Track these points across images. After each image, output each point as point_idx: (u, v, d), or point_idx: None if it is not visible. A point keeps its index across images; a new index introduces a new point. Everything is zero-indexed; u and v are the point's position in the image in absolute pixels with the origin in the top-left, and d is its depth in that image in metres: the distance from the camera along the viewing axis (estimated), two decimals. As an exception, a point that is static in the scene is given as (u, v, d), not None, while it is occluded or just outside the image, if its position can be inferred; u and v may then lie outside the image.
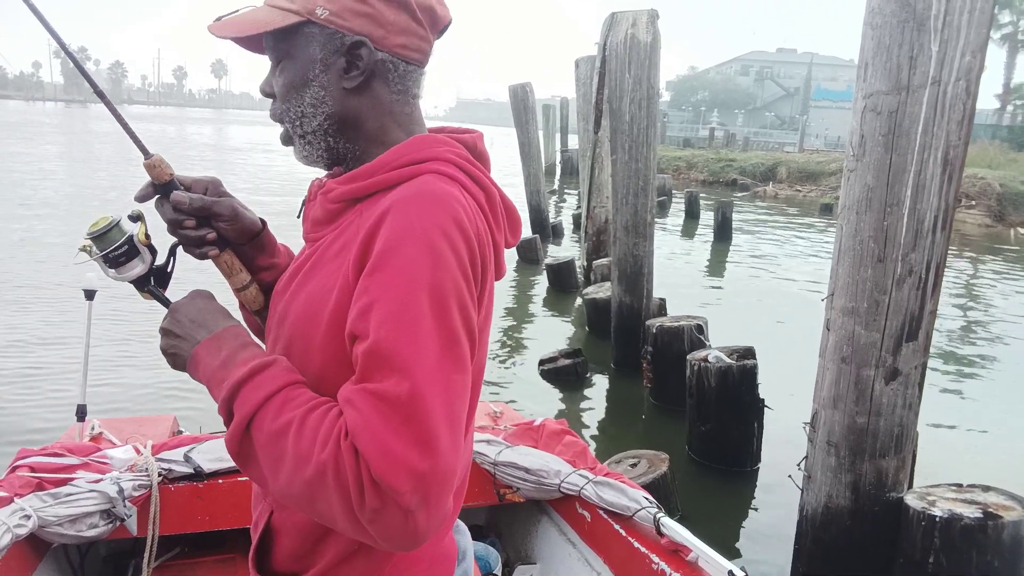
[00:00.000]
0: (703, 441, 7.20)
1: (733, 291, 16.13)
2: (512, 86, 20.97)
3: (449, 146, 1.48)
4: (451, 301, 1.29)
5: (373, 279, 1.29)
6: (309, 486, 1.26)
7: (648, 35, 9.33)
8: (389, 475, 1.19)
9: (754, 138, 71.75)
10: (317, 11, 1.44)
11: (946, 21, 3.89)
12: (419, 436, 1.21)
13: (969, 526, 4.14)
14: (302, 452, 1.26)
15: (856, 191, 4.29)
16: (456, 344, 1.29)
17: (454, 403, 1.28)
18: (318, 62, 1.48)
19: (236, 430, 1.35)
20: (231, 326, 1.52)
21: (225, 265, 1.72)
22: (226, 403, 1.38)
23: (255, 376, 1.38)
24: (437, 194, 1.35)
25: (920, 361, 4.42)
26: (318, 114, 1.51)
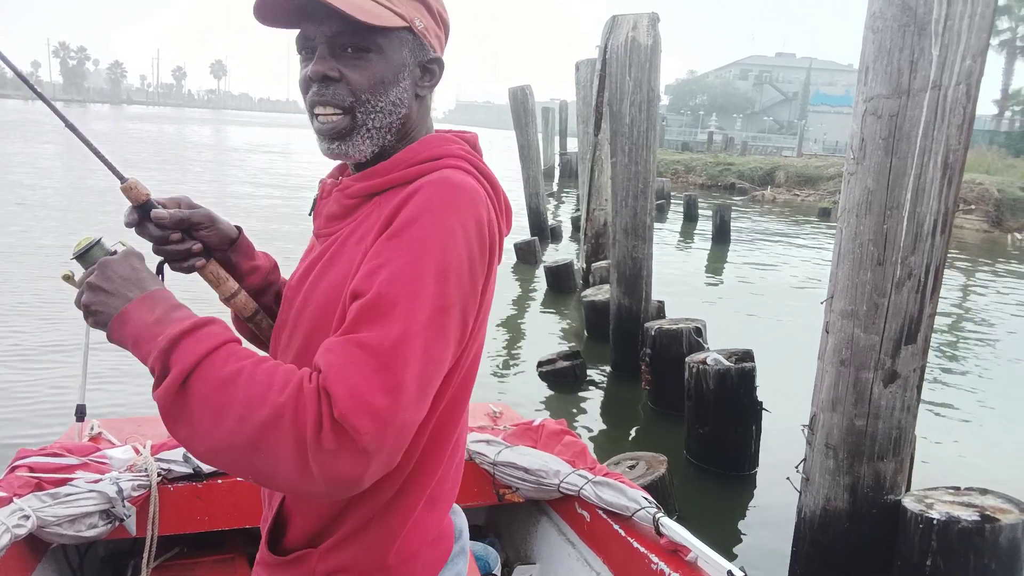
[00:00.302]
0: (701, 443, 7.20)
1: (731, 294, 16.13)
2: (512, 89, 20.98)
3: (458, 144, 1.62)
4: (452, 275, 1.39)
5: (387, 244, 1.41)
6: (259, 429, 1.28)
7: (649, 38, 9.35)
8: (353, 414, 1.26)
9: (752, 142, 71.79)
10: (416, 22, 1.57)
11: (947, 25, 3.90)
12: (390, 384, 1.30)
13: (966, 529, 4.14)
14: (255, 396, 1.30)
15: (856, 194, 4.30)
16: (446, 313, 1.39)
17: (430, 365, 1.38)
18: (407, 67, 1.59)
19: (172, 383, 1.34)
20: (163, 289, 1.53)
21: (212, 276, 1.76)
22: (162, 355, 1.36)
23: (197, 331, 1.39)
24: (459, 183, 1.47)
25: (919, 364, 4.43)
26: (395, 112, 1.60)
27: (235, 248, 1.82)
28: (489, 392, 8.94)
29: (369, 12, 1.48)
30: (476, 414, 4.72)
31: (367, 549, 1.58)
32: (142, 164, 33.88)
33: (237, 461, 1.34)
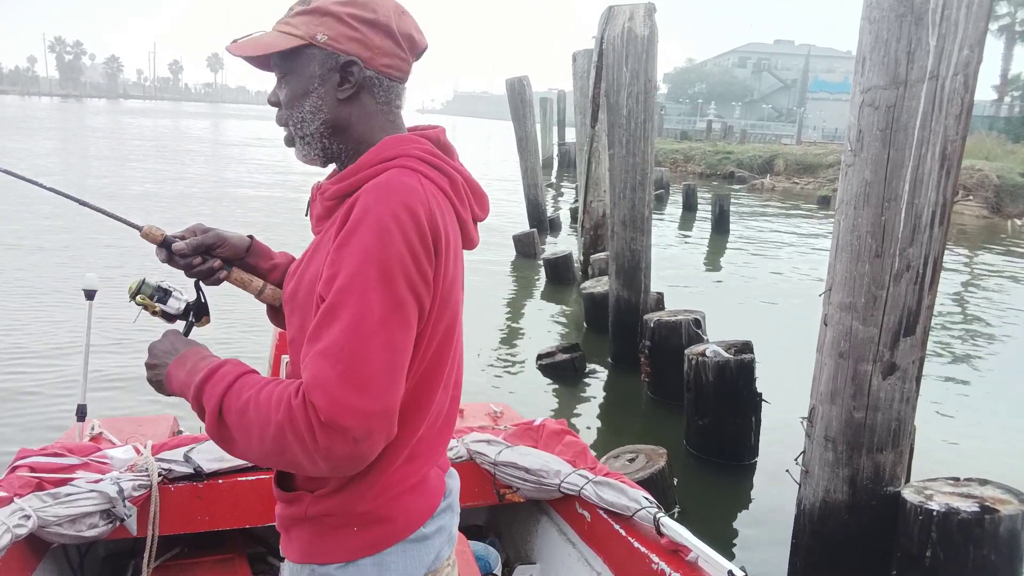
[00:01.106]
0: (701, 435, 7.21)
1: (731, 285, 16.14)
2: (509, 79, 20.93)
3: (415, 143, 1.79)
4: (396, 272, 1.59)
5: (339, 253, 1.61)
6: (275, 442, 1.58)
7: (645, 28, 9.33)
8: (337, 416, 1.52)
9: (751, 130, 71.69)
10: (318, 36, 1.76)
11: (944, 15, 3.89)
12: (358, 382, 1.54)
13: (966, 520, 4.15)
14: (262, 419, 1.59)
15: (854, 186, 4.29)
16: (400, 308, 1.60)
17: (394, 354, 1.60)
18: (317, 77, 1.80)
19: (211, 419, 1.67)
20: (194, 347, 1.88)
21: (238, 281, 2.11)
22: (196, 400, 1.70)
23: (213, 375, 1.71)
24: (393, 184, 1.65)
25: (918, 356, 4.43)
26: (316, 119, 1.82)
27: (251, 254, 2.16)
28: (488, 385, 8.98)
29: (266, 44, 1.79)
30: (476, 414, 4.72)
31: (349, 497, 1.80)
32: (142, 161, 33.88)
33: (278, 463, 1.68)
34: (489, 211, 1.98)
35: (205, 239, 2.06)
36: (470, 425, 4.38)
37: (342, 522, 1.83)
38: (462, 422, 4.57)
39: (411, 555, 1.89)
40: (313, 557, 1.86)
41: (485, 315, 12.20)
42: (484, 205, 1.95)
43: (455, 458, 3.90)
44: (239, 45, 1.81)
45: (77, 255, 14.11)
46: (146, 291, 2.06)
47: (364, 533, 1.83)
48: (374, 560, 1.84)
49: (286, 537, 1.94)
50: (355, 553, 1.84)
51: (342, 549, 1.84)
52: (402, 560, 1.87)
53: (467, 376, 6.41)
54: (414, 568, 1.90)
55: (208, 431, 1.69)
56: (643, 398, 8.86)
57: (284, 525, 1.94)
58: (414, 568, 1.90)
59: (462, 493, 3.96)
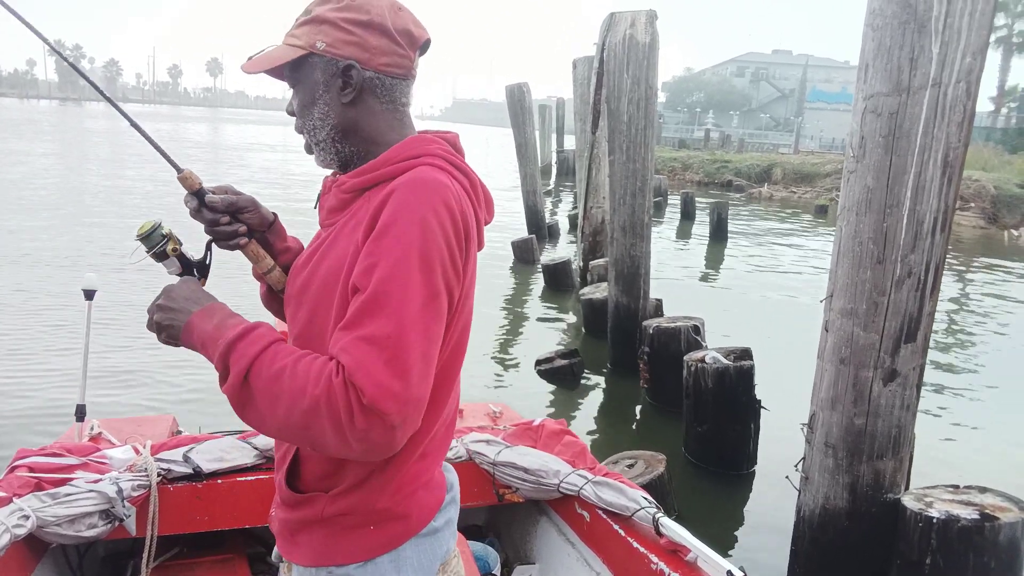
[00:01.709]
0: (700, 442, 7.20)
1: (729, 292, 16.14)
2: (509, 86, 20.95)
3: (438, 144, 1.84)
4: (436, 264, 1.63)
5: (376, 244, 1.63)
6: (305, 416, 1.58)
7: (646, 36, 9.34)
8: (380, 401, 1.54)
9: (749, 139, 71.68)
10: (317, 44, 1.81)
11: (947, 23, 3.90)
12: (401, 370, 1.57)
13: (966, 527, 4.14)
14: (297, 389, 1.59)
15: (856, 192, 4.29)
16: (437, 298, 1.65)
17: (430, 344, 1.64)
18: (321, 84, 1.85)
19: (236, 379, 1.65)
20: (218, 302, 1.85)
21: (252, 253, 2.07)
22: (223, 358, 1.68)
23: (248, 335, 1.69)
24: (430, 181, 1.69)
25: (918, 363, 4.43)
26: (325, 125, 1.87)
27: (272, 231, 2.13)
28: (487, 390, 8.97)
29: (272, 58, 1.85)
30: (476, 414, 4.72)
31: (368, 495, 1.82)
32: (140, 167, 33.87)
33: (296, 437, 1.68)
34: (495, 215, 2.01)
35: (240, 200, 2.03)
36: (469, 425, 4.38)
37: (359, 521, 1.84)
38: (461, 422, 4.57)
39: (425, 549, 1.92)
40: (329, 559, 1.86)
41: (484, 320, 12.16)
42: (491, 209, 1.98)
43: (455, 458, 3.91)
44: (252, 62, 1.88)
45: (77, 255, 14.09)
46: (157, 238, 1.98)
47: (380, 531, 1.86)
48: (391, 557, 1.87)
49: (291, 541, 1.94)
50: (372, 551, 1.85)
51: (359, 548, 1.85)
52: (417, 555, 1.91)
53: (465, 381, 6.42)
54: (429, 562, 1.94)
55: (227, 389, 1.67)
56: (642, 404, 8.85)
57: (291, 529, 1.93)
58: (429, 562, 1.94)
59: (461, 493, 3.97)
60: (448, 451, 3.86)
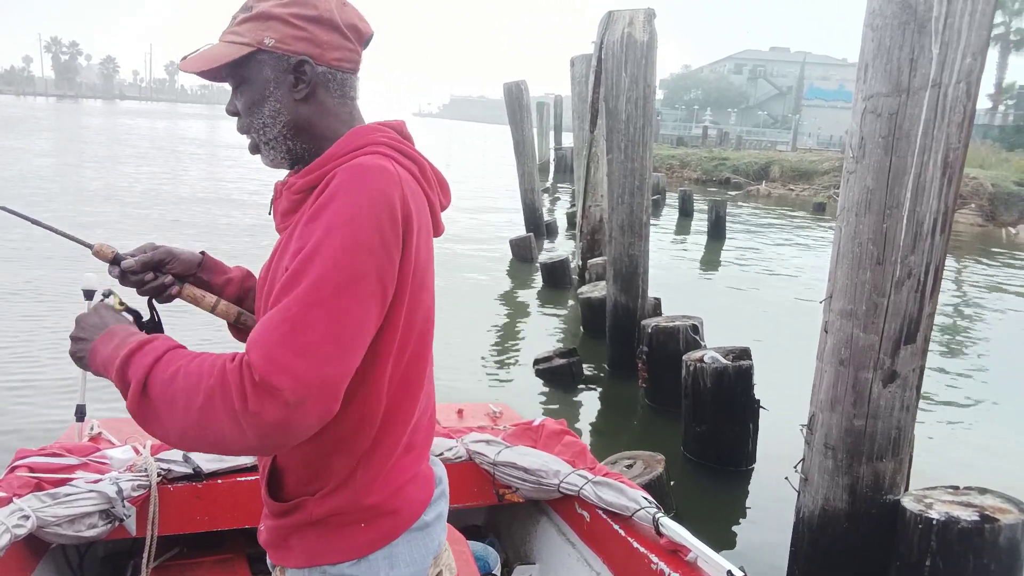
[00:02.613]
0: (698, 441, 7.20)
1: (727, 291, 16.14)
2: (507, 84, 20.94)
3: (381, 132, 1.83)
4: (361, 248, 1.59)
5: (306, 227, 1.63)
6: (200, 412, 1.53)
7: (645, 34, 9.33)
8: (271, 375, 1.48)
9: (747, 137, 71.55)
10: (265, 41, 1.78)
11: (947, 23, 3.89)
12: (301, 346, 1.51)
13: (966, 529, 4.14)
14: (191, 385, 1.55)
15: (855, 193, 4.29)
16: (360, 281, 1.59)
17: (344, 327, 1.57)
18: (271, 81, 1.82)
19: (135, 392, 1.60)
20: (124, 324, 1.85)
21: (190, 297, 2.09)
22: (120, 372, 1.64)
23: (143, 347, 1.66)
24: (366, 165, 1.67)
25: (918, 364, 4.43)
26: (277, 123, 1.85)
27: (204, 269, 2.15)
28: (485, 389, 8.96)
29: (215, 56, 1.81)
30: (476, 414, 4.72)
31: (355, 493, 1.81)
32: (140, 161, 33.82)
33: (197, 440, 1.59)
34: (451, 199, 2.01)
35: (155, 255, 2.05)
36: (469, 425, 4.38)
37: (349, 520, 1.83)
38: (461, 422, 4.58)
39: (417, 544, 1.92)
40: (322, 558, 1.85)
41: (482, 319, 12.19)
42: (447, 192, 1.98)
43: (455, 458, 3.91)
44: (189, 61, 1.84)
45: (76, 255, 13.98)
46: None
47: (371, 527, 1.85)
48: (384, 553, 1.86)
49: (283, 546, 1.92)
50: (365, 548, 1.85)
51: (351, 546, 1.84)
52: (409, 550, 1.90)
53: (463, 380, 6.43)
54: (421, 556, 1.93)
55: (129, 406, 1.63)
56: (640, 404, 8.85)
57: (281, 535, 1.92)
58: (421, 556, 1.93)
59: (461, 493, 3.97)
60: (448, 451, 3.89)
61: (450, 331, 10.54)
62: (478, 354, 10.35)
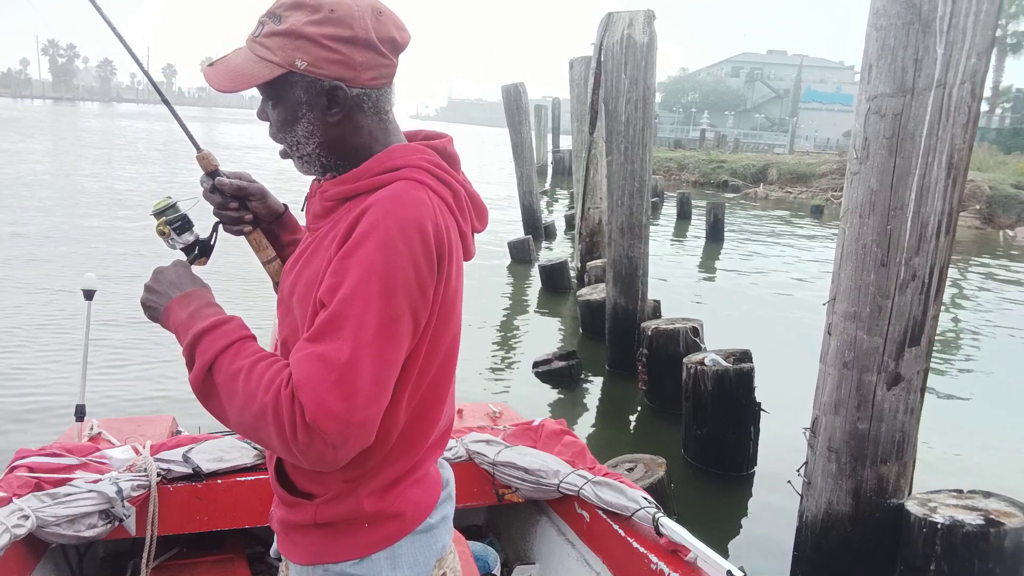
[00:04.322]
0: (699, 445, 7.19)
1: (726, 293, 16.12)
2: (505, 86, 20.96)
3: (422, 153, 1.79)
4: (399, 287, 1.60)
5: (343, 262, 1.62)
6: (254, 419, 1.61)
7: (644, 36, 9.31)
8: (320, 421, 1.53)
9: (744, 139, 71.68)
10: (297, 63, 1.71)
11: (952, 23, 3.87)
12: (348, 392, 1.55)
13: (971, 533, 4.12)
14: (249, 393, 1.61)
15: (859, 194, 4.27)
16: (396, 322, 1.62)
17: (383, 367, 1.61)
18: (304, 104, 1.77)
19: (200, 371, 1.69)
20: (200, 289, 1.90)
21: (255, 241, 2.14)
22: (190, 348, 1.72)
23: (216, 329, 1.73)
24: (404, 199, 1.66)
25: (922, 366, 4.41)
26: (310, 143, 1.81)
27: (280, 222, 2.21)
28: (484, 391, 8.96)
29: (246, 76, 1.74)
30: (476, 414, 4.72)
31: (357, 500, 1.83)
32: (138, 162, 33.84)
33: (249, 435, 1.70)
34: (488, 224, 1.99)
35: (249, 187, 2.11)
36: (469, 425, 4.38)
37: (352, 521, 1.85)
38: (461, 422, 4.58)
39: (421, 546, 1.94)
40: (325, 557, 1.87)
41: (481, 321, 12.18)
42: (484, 218, 1.96)
43: (454, 458, 3.92)
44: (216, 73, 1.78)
45: (75, 255, 14.05)
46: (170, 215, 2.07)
47: (375, 529, 1.86)
48: (387, 554, 1.88)
49: (288, 540, 1.95)
50: (368, 549, 1.86)
51: (354, 546, 1.86)
52: (412, 552, 1.92)
53: (462, 383, 6.41)
54: (425, 558, 1.95)
55: (192, 380, 1.70)
56: (640, 406, 8.83)
57: (287, 529, 1.94)
58: (425, 558, 1.95)
59: (461, 493, 3.97)
60: (448, 451, 3.88)
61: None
62: (477, 357, 10.33)
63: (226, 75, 1.76)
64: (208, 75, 1.79)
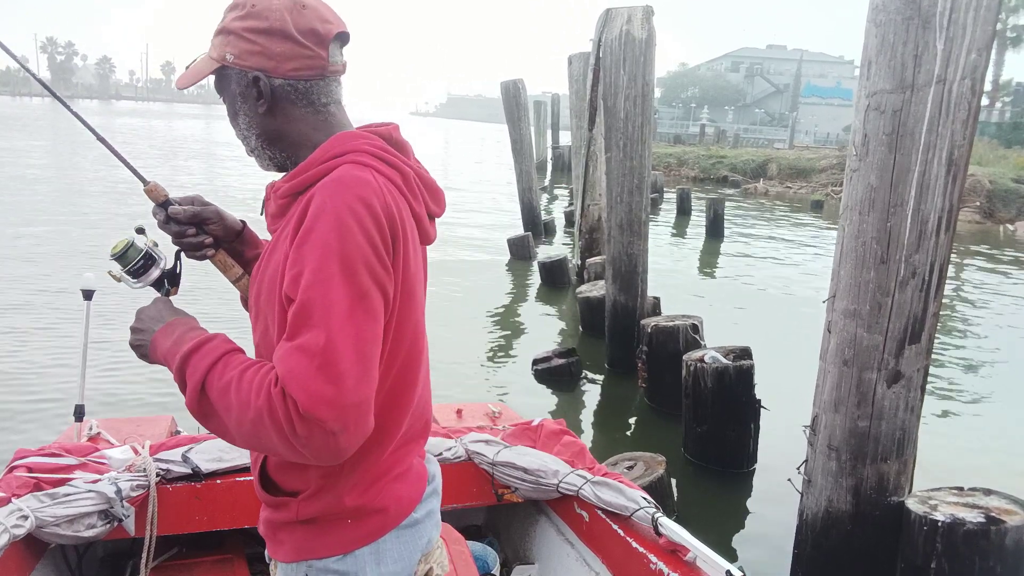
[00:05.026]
0: (699, 442, 7.18)
1: (726, 290, 16.14)
2: (504, 82, 20.92)
3: (364, 139, 1.82)
4: (358, 263, 1.62)
5: (298, 251, 1.65)
6: (253, 425, 1.62)
7: (643, 31, 9.29)
8: (313, 409, 1.55)
9: (744, 135, 71.69)
10: (227, 57, 1.83)
11: (952, 18, 3.85)
12: (334, 375, 1.57)
13: (972, 531, 4.10)
14: (243, 401, 1.63)
15: (859, 191, 4.25)
16: (366, 298, 1.64)
17: (365, 344, 1.63)
18: (238, 96, 1.87)
19: (193, 392, 1.71)
20: (182, 318, 1.94)
21: (220, 263, 2.14)
22: (179, 371, 1.75)
23: (200, 348, 1.75)
24: (347, 179, 1.69)
25: (922, 364, 4.39)
26: (251, 135, 1.91)
27: (241, 239, 2.21)
28: (483, 389, 8.94)
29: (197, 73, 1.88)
30: (475, 414, 4.72)
31: (338, 495, 1.86)
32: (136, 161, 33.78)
33: (252, 446, 1.77)
34: (446, 207, 2.02)
35: (203, 211, 2.10)
36: (468, 425, 4.38)
37: (335, 517, 1.88)
38: (460, 422, 4.58)
39: (405, 541, 1.96)
40: (309, 553, 1.90)
41: (480, 318, 12.19)
42: (440, 201, 1.99)
43: (454, 458, 3.91)
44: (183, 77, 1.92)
45: (75, 255, 14.01)
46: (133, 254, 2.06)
47: (359, 525, 1.89)
48: (371, 549, 1.90)
49: (274, 540, 1.98)
50: (352, 544, 1.89)
51: (338, 542, 1.89)
52: (397, 547, 1.94)
53: (461, 380, 6.42)
54: (409, 553, 1.97)
55: (188, 404, 1.73)
56: (640, 404, 8.83)
57: (273, 528, 1.98)
58: (409, 553, 1.97)
59: (461, 493, 3.97)
60: (447, 451, 3.88)
61: (448, 331, 10.54)
62: (476, 354, 10.33)
63: (186, 75, 1.91)
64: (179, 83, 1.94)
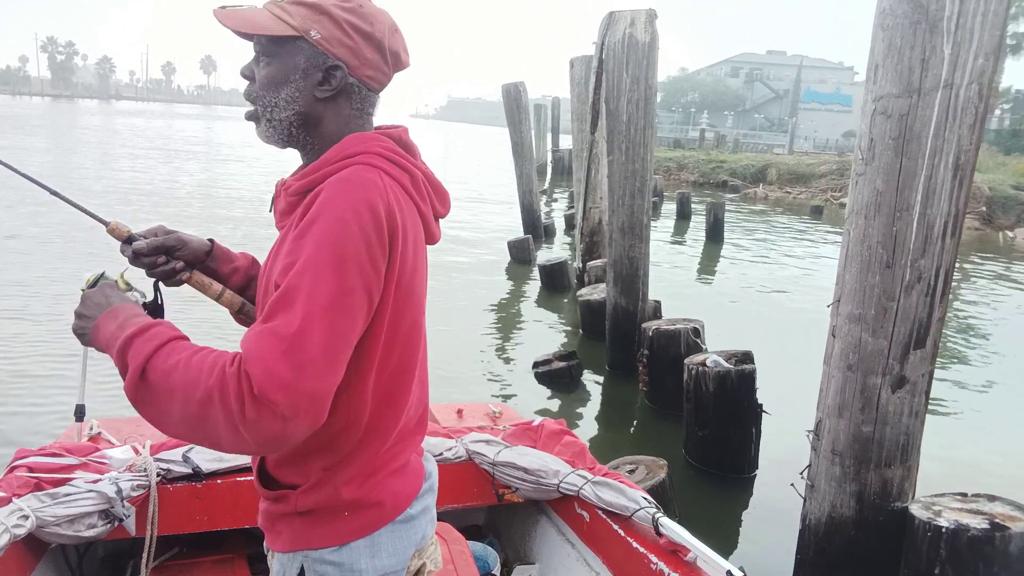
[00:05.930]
0: (701, 446, 7.17)
1: (727, 293, 16.12)
2: (505, 85, 20.95)
3: (377, 141, 1.85)
4: (350, 261, 1.63)
5: (296, 242, 1.67)
6: (200, 407, 1.58)
7: (646, 35, 9.29)
8: (268, 390, 1.53)
9: (744, 139, 71.79)
10: (311, 32, 1.81)
11: (959, 23, 3.85)
12: (296, 362, 1.56)
13: (976, 537, 4.09)
14: (191, 381, 1.60)
15: (865, 195, 4.24)
16: (349, 295, 1.64)
17: (336, 340, 1.63)
18: (300, 70, 1.84)
19: (133, 376, 1.65)
20: (128, 304, 1.90)
21: (197, 284, 2.16)
22: (120, 354, 1.70)
23: (145, 332, 1.72)
24: (355, 179, 1.71)
25: (927, 369, 4.38)
26: (288, 108, 1.87)
27: (212, 258, 2.21)
28: (484, 392, 8.92)
29: (257, 24, 1.82)
30: (476, 414, 4.72)
31: (336, 487, 1.88)
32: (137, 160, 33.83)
33: (192, 434, 1.68)
34: (451, 207, 2.05)
35: (166, 240, 2.11)
36: (469, 425, 4.38)
37: (332, 510, 1.90)
38: (461, 422, 4.58)
39: (400, 535, 1.99)
40: (305, 544, 1.92)
41: (480, 321, 12.19)
42: (445, 201, 2.02)
43: (454, 458, 3.92)
44: (228, 14, 1.84)
45: (74, 255, 14.03)
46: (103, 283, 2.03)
47: (355, 517, 1.92)
48: (366, 542, 1.93)
49: (272, 531, 2.00)
50: (347, 536, 1.91)
51: (334, 534, 1.91)
52: (392, 541, 1.97)
53: (462, 382, 6.41)
54: (404, 548, 2.00)
55: (127, 389, 1.68)
56: (640, 407, 8.82)
57: (271, 520, 1.99)
58: (404, 548, 2.00)
59: (461, 493, 3.96)
60: (447, 451, 3.88)
61: (449, 333, 10.53)
62: (477, 357, 10.32)
63: (238, 18, 1.83)
64: (219, 15, 1.84)
